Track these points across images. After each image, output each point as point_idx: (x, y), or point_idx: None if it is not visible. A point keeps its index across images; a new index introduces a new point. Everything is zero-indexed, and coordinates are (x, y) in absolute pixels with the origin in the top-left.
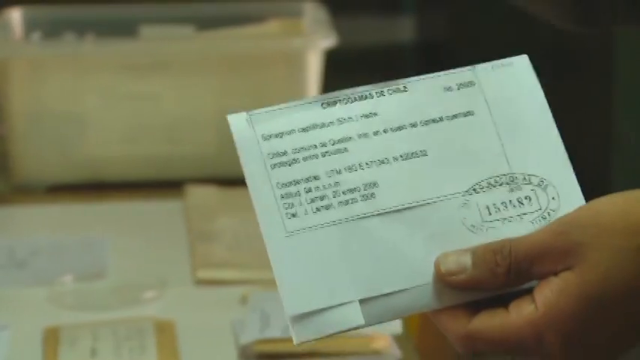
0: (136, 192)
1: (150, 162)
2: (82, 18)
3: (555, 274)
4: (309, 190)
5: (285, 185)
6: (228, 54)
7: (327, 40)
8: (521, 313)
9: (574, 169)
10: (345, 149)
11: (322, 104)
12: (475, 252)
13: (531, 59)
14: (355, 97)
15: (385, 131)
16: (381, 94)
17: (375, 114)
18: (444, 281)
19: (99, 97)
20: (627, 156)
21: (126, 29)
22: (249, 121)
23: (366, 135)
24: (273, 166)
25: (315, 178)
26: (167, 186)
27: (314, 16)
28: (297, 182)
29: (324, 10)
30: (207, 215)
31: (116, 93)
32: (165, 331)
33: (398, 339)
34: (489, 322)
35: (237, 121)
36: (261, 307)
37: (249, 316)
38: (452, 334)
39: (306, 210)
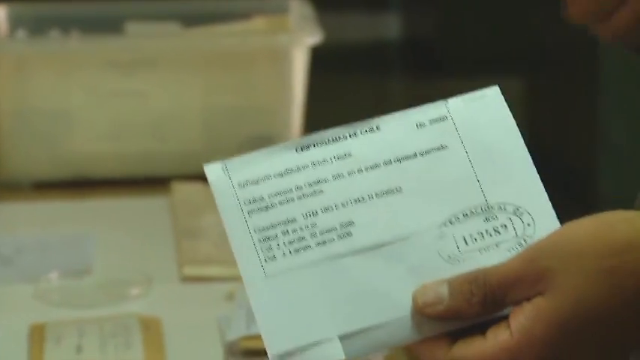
0: (121, 189)
1: (136, 159)
2: (68, 15)
3: (529, 299)
4: (286, 233)
5: (262, 230)
6: (214, 51)
7: (313, 37)
8: (497, 340)
9: (561, 171)
10: (321, 191)
11: (297, 149)
12: (451, 283)
13: (519, 54)
14: (329, 140)
15: (360, 171)
16: (355, 135)
17: (349, 154)
18: (422, 313)
19: (85, 94)
20: (614, 157)
21: (111, 26)
22: (225, 170)
23: (341, 176)
24: (250, 212)
25: (292, 221)
26: (153, 183)
27: (300, 12)
28: (274, 226)
29: (310, 7)
30: (193, 212)
31: (102, 90)
32: (151, 328)
33: None
34: (467, 349)
35: (213, 171)
36: (247, 303)
37: (235, 312)
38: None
39: (284, 252)
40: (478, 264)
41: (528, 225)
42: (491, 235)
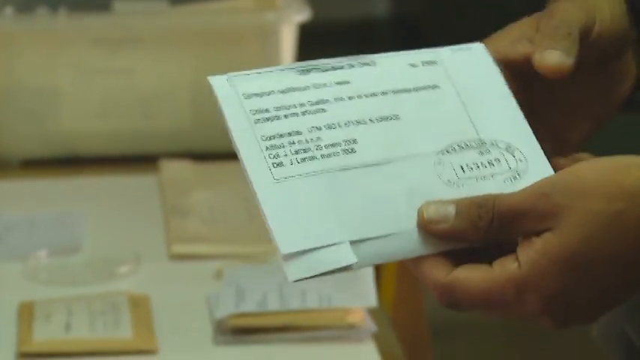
0: (110, 167)
1: (124, 137)
2: None
3: (536, 234)
4: (292, 143)
5: (269, 138)
6: (202, 28)
7: (301, 14)
8: (505, 270)
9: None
10: (323, 110)
11: (298, 71)
12: (459, 203)
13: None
14: (329, 67)
15: (359, 97)
16: (352, 66)
17: (348, 82)
18: (425, 229)
19: (73, 71)
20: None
21: (99, 4)
22: (230, 82)
23: (341, 99)
24: (257, 121)
25: (298, 132)
26: (141, 160)
27: None
28: (280, 136)
29: None
30: (181, 190)
31: (90, 68)
32: (140, 306)
33: (373, 313)
34: (472, 273)
35: (218, 82)
36: (236, 281)
37: (224, 290)
38: (432, 282)
39: (291, 160)
40: (476, 190)
41: (520, 161)
42: (486, 167)
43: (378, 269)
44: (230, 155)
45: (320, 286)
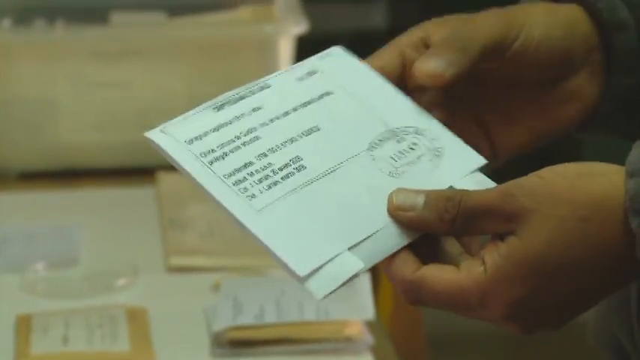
0: (108, 179)
1: (122, 149)
2: (53, 4)
3: (501, 235)
4: (251, 174)
5: (230, 175)
6: (200, 40)
7: (299, 27)
8: (471, 274)
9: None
10: (257, 137)
11: (213, 109)
12: (429, 195)
13: None
14: (236, 98)
15: (277, 118)
16: (253, 92)
17: (261, 107)
18: (394, 215)
19: (70, 83)
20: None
21: (97, 16)
22: (167, 132)
23: (265, 123)
24: (210, 162)
25: (250, 163)
26: (139, 173)
27: (285, 2)
28: (238, 170)
29: None
30: (179, 202)
31: (87, 80)
32: (137, 319)
33: (370, 325)
34: (438, 273)
35: (157, 136)
36: (233, 293)
37: (221, 302)
38: (399, 279)
39: (260, 189)
40: (415, 176)
41: (433, 139)
42: (409, 152)
43: (375, 282)
44: None
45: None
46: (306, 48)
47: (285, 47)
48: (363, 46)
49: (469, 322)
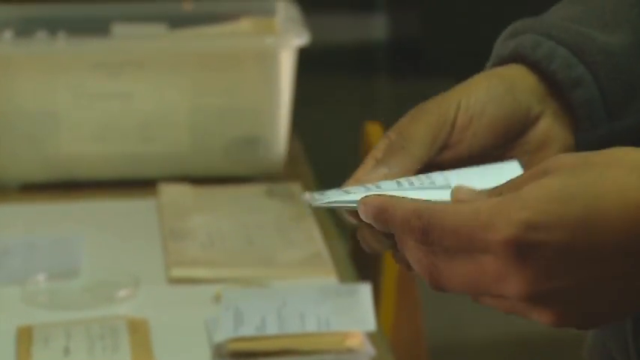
0: (109, 190)
1: (123, 160)
2: (54, 16)
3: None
4: None
5: None
6: (201, 52)
7: (300, 39)
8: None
9: None
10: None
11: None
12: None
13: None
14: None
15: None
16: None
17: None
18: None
19: (72, 95)
20: None
21: (98, 27)
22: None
23: None
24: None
25: None
26: (140, 184)
27: (286, 14)
28: None
29: (297, 9)
30: (180, 213)
31: (89, 91)
32: (138, 330)
33: (372, 337)
34: (450, 204)
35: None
36: (234, 305)
37: (222, 314)
38: (400, 212)
39: None
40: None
41: None
42: None
43: (377, 293)
44: (228, 179)
45: (318, 309)
46: (307, 60)
47: (287, 59)
48: (363, 57)
49: (471, 333)
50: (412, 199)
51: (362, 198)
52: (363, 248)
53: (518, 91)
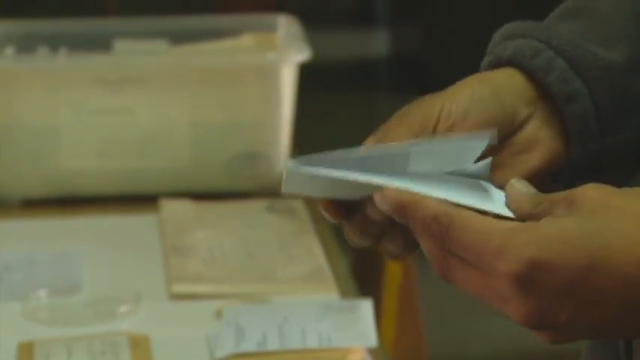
0: (110, 206)
1: (124, 176)
2: (56, 32)
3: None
4: None
5: None
6: (202, 68)
7: (301, 54)
8: (504, 222)
9: None
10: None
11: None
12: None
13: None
14: None
15: None
16: None
17: None
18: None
19: (73, 111)
20: None
21: (100, 44)
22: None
23: None
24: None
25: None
26: (141, 200)
27: (288, 30)
28: None
29: (298, 25)
30: (181, 229)
31: (90, 107)
32: (139, 346)
33: (373, 352)
34: (472, 214)
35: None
36: (236, 320)
37: (224, 330)
38: (423, 215)
39: None
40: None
41: None
42: None
43: (378, 309)
44: (229, 195)
45: (320, 325)
46: (308, 75)
47: (288, 74)
48: (365, 72)
49: (471, 347)
50: (434, 199)
51: (382, 192)
52: (348, 242)
53: (504, 95)
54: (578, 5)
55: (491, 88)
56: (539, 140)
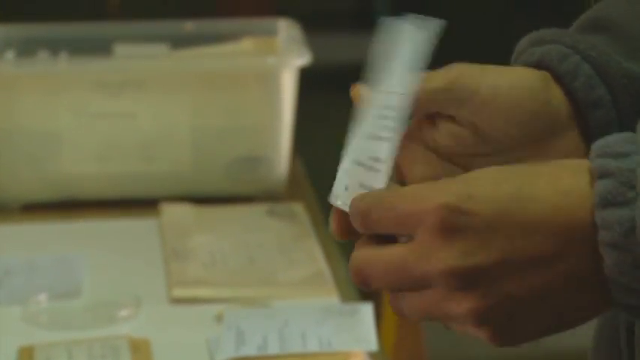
0: (110, 210)
1: (124, 180)
2: (56, 36)
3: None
4: None
5: None
6: (203, 72)
7: (302, 58)
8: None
9: None
10: None
11: None
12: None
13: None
14: None
15: None
16: None
17: None
18: None
19: (73, 115)
20: None
21: (100, 47)
22: None
23: None
24: None
25: None
26: (142, 204)
27: (288, 34)
28: None
29: (298, 28)
30: (182, 233)
31: (90, 111)
32: (140, 350)
33: (373, 356)
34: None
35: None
36: (236, 324)
37: (224, 334)
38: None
39: None
40: None
41: None
42: None
43: (378, 313)
44: (230, 199)
45: (320, 329)
46: (309, 79)
47: (288, 79)
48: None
49: (472, 351)
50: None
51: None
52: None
53: (553, 93)
54: (596, 18)
55: (544, 83)
56: (574, 153)
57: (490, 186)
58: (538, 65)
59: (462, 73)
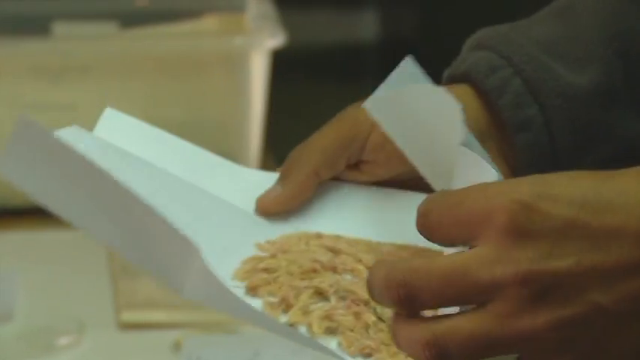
0: (48, 218)
1: None
2: None
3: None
4: None
5: None
6: (159, 55)
7: (274, 39)
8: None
9: None
10: None
11: None
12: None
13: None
14: None
15: None
16: None
17: None
18: None
19: (6, 105)
20: None
21: (37, 27)
22: None
23: None
24: None
25: None
26: None
27: (258, 10)
28: None
29: (271, 4)
30: None
31: (26, 101)
32: None
33: None
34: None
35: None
36: (197, 354)
37: None
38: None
39: None
40: None
41: None
42: None
43: None
44: None
45: None
46: (283, 64)
47: (259, 63)
48: (350, 60)
49: None
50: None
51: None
52: None
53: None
54: (566, 5)
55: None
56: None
57: (567, 187)
58: (463, 78)
59: (353, 124)
